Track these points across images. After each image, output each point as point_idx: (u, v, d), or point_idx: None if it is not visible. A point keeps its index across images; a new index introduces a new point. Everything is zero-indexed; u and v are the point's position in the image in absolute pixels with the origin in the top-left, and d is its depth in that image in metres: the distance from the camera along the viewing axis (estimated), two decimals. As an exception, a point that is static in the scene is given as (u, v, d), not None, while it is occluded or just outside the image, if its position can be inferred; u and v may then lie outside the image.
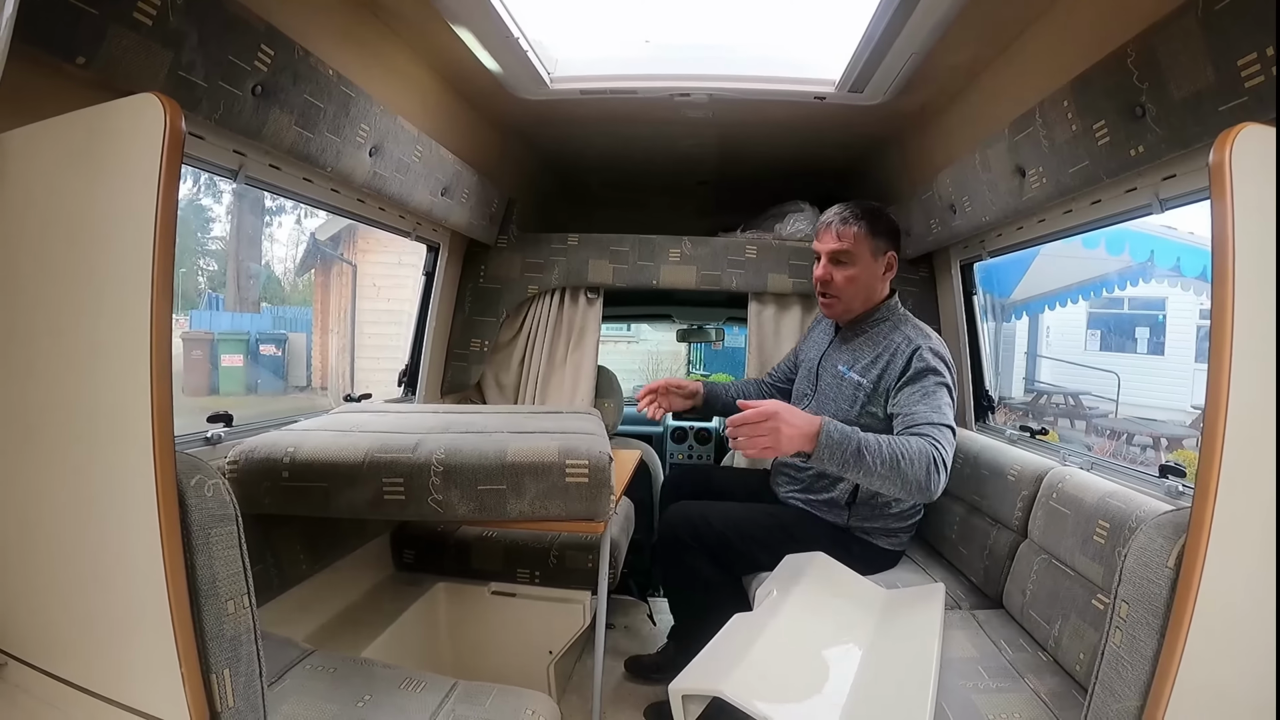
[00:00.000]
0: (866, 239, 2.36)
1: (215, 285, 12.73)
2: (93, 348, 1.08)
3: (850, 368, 2.39)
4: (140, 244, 0.99)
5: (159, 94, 1.01)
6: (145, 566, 1.02)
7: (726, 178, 3.76)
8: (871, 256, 2.38)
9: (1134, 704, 1.08)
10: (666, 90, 2.49)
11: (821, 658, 1.83)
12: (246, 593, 1.17)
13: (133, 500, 1.02)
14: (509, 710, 1.57)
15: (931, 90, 2.35)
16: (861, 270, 2.38)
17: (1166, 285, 9.01)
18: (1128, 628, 1.11)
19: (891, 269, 2.42)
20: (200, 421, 2.05)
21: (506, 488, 1.69)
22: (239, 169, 1.92)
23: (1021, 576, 2.08)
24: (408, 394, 3.18)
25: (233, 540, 1.15)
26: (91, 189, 1.09)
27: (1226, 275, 0.95)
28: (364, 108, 2.03)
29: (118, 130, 1.07)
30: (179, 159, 1.01)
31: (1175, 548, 1.06)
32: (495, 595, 2.53)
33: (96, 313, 1.07)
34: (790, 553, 2.27)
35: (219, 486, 1.13)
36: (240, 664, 1.14)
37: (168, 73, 1.41)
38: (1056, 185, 1.98)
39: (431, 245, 3.11)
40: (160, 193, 0.99)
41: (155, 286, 0.98)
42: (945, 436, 2.08)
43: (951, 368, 2.26)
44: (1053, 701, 1.65)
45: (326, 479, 1.72)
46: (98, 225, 1.08)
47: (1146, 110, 1.55)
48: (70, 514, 1.14)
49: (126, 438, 1.02)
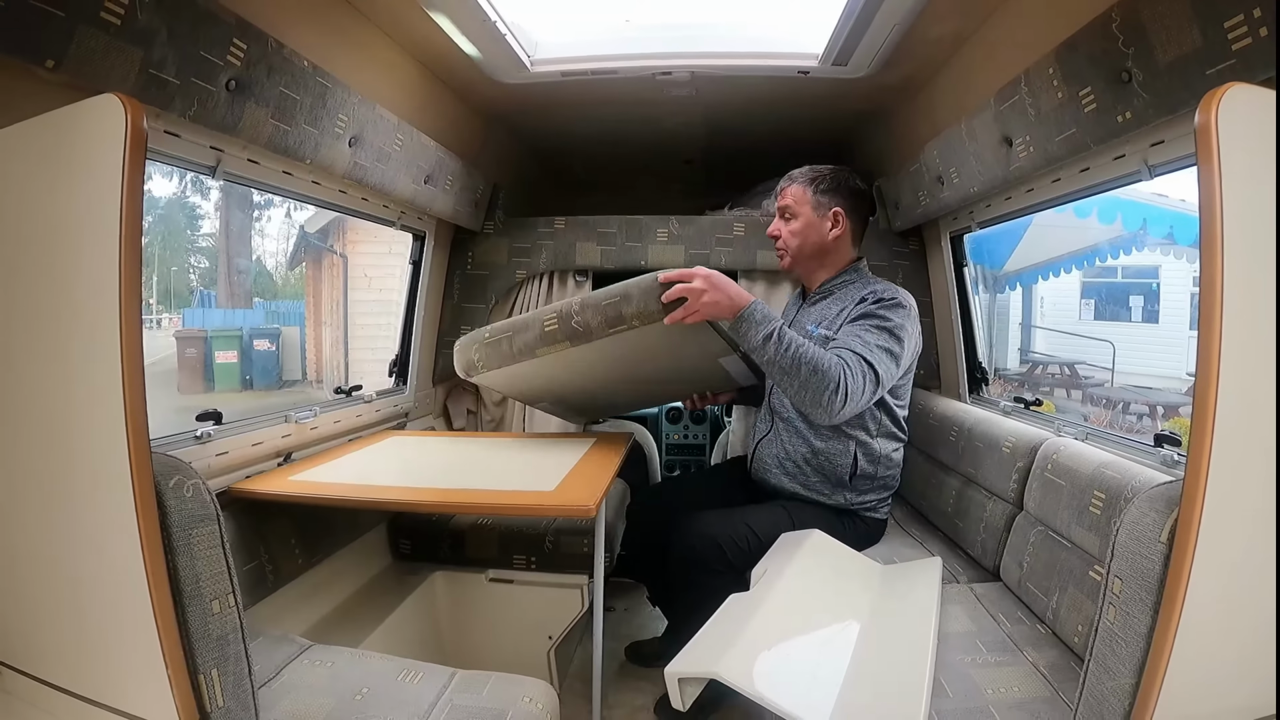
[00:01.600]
0: (807, 195, 2.39)
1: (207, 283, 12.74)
2: (64, 352, 1.07)
3: (817, 325, 2.38)
4: (107, 244, 0.99)
5: (120, 94, 1.01)
6: (127, 570, 1.02)
7: (714, 156, 3.74)
8: (813, 211, 2.40)
9: (1129, 681, 1.07)
10: (648, 69, 2.47)
11: (818, 635, 1.83)
12: (232, 592, 1.16)
13: (111, 503, 1.02)
14: (506, 698, 1.57)
15: (916, 62, 2.33)
16: (804, 225, 2.41)
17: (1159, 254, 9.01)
18: (1121, 604, 1.10)
19: (839, 225, 2.39)
20: (193, 420, 2.04)
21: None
22: (217, 165, 1.90)
23: (1018, 549, 2.07)
24: (399, 384, 3.17)
25: (215, 540, 1.14)
26: (59, 191, 1.08)
27: (1215, 240, 0.94)
28: (341, 98, 2.01)
29: (82, 132, 1.07)
30: (142, 158, 1.00)
31: (1168, 522, 1.04)
32: (493, 582, 2.53)
33: (67, 316, 1.07)
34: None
35: (199, 486, 1.12)
36: (228, 663, 1.14)
37: (139, 71, 1.40)
38: (1044, 154, 1.97)
39: (417, 234, 3.09)
40: (124, 191, 0.98)
41: (123, 285, 0.98)
42: (859, 368, 2.09)
43: (902, 313, 2.24)
44: (1051, 674, 1.65)
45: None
46: (66, 227, 1.07)
47: (1133, 76, 1.53)
48: (51, 520, 1.14)
49: (101, 440, 1.02)
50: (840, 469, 2.35)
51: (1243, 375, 0.95)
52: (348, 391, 2.80)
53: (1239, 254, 0.94)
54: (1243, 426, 0.95)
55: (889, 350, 2.16)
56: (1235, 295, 0.94)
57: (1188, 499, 0.97)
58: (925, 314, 3.23)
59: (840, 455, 2.34)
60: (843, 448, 2.34)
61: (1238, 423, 0.94)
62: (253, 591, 1.90)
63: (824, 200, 2.38)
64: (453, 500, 2.13)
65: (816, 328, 2.35)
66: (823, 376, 2.02)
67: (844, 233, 2.40)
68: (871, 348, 2.13)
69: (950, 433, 2.64)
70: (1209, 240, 0.94)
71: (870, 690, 1.57)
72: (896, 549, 2.44)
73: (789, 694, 1.53)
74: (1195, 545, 0.96)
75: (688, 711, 1.73)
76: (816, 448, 2.35)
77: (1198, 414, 0.95)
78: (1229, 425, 0.94)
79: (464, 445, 2.78)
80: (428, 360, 3.31)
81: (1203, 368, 0.94)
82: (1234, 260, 0.94)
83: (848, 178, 2.41)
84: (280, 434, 2.28)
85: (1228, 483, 0.95)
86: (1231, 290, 0.93)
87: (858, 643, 1.77)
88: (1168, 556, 1.02)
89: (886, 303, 2.24)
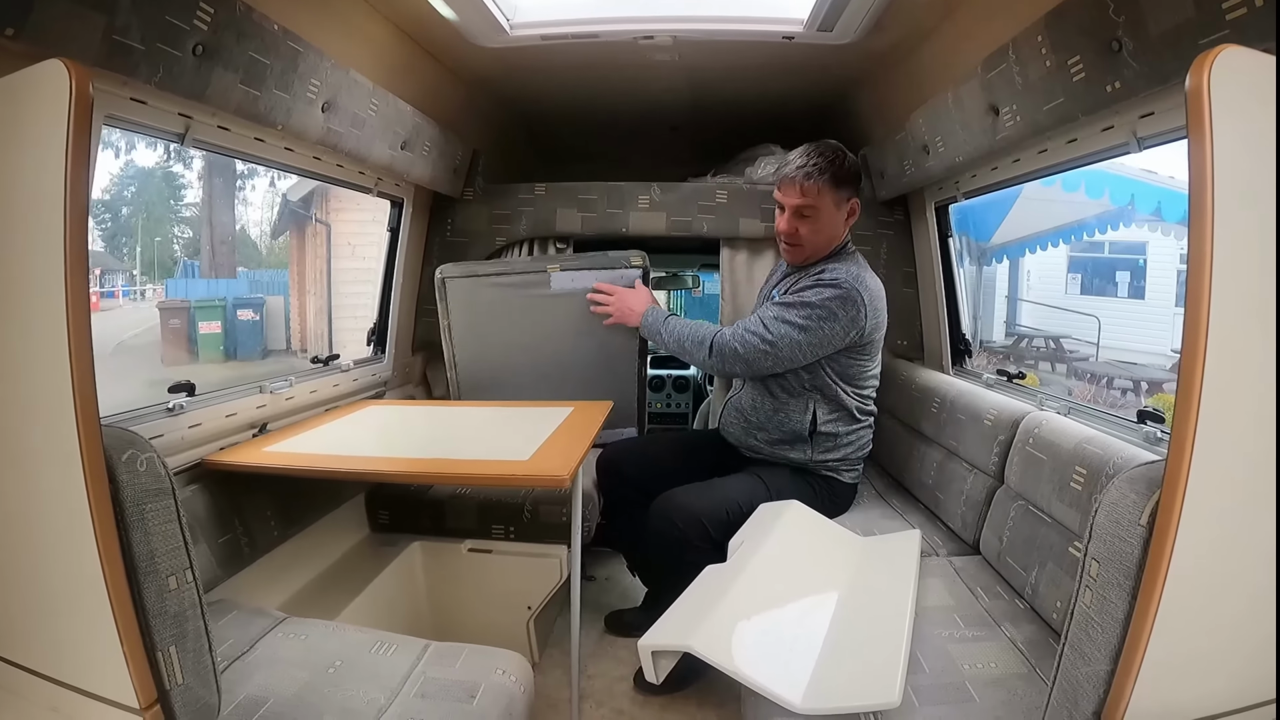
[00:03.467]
0: (830, 191, 2.33)
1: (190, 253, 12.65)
2: (10, 326, 1.04)
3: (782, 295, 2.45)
4: (52, 214, 0.96)
5: (65, 59, 0.97)
6: (79, 546, 1.00)
7: (698, 123, 3.70)
8: (835, 208, 2.37)
9: (1104, 668, 1.06)
10: (629, 33, 2.44)
11: (795, 608, 1.83)
12: (189, 566, 1.14)
13: (61, 479, 1.00)
14: (480, 670, 1.57)
15: (903, 28, 2.29)
16: (826, 222, 2.37)
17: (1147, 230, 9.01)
18: (1098, 588, 1.08)
19: (854, 215, 2.42)
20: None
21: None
22: (185, 132, 1.86)
23: (998, 523, 2.07)
24: (377, 352, 3.14)
25: (170, 514, 1.12)
26: (3, 161, 1.05)
27: (1205, 212, 0.90)
28: (314, 62, 1.96)
29: (26, 100, 1.03)
30: (88, 124, 0.97)
31: (1149, 504, 1.01)
32: (471, 553, 2.52)
33: (13, 289, 1.04)
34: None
35: (153, 460, 1.10)
36: (187, 640, 1.13)
37: (102, 38, 1.35)
38: (1031, 123, 1.94)
39: (395, 200, 3.05)
40: (69, 159, 0.95)
41: (69, 256, 0.95)
42: (742, 336, 2.37)
43: (831, 294, 2.30)
44: (1029, 650, 1.64)
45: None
46: (10, 198, 1.04)
47: (1123, 45, 1.50)
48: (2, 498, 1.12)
49: (50, 416, 1.00)
50: (799, 424, 2.42)
51: (1231, 354, 0.92)
52: (325, 360, 2.76)
53: (1230, 227, 0.91)
54: (1229, 407, 0.93)
55: (787, 320, 2.31)
56: (1225, 270, 0.90)
57: (1170, 481, 0.94)
58: (909, 285, 3.23)
59: (798, 411, 2.42)
60: (801, 405, 2.43)
61: (1223, 403, 0.92)
62: (228, 564, 1.89)
63: (844, 194, 2.37)
64: (425, 471, 2.13)
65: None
66: (698, 344, 2.46)
67: (854, 217, 2.44)
68: (768, 317, 2.34)
69: (932, 404, 2.63)
70: (1198, 211, 0.91)
71: (847, 664, 1.57)
72: (876, 520, 2.44)
73: (764, 668, 1.53)
74: (1177, 529, 0.94)
75: (665, 684, 1.74)
76: (777, 402, 2.46)
77: (1182, 393, 0.92)
78: (1215, 406, 0.91)
79: (442, 414, 2.76)
80: (407, 328, 3.28)
81: (1189, 345, 0.92)
82: (1224, 233, 0.90)
83: (855, 161, 2.41)
84: (255, 404, 2.25)
85: (1212, 464, 0.93)
86: (1221, 264, 0.90)
87: (835, 616, 1.77)
88: (1147, 540, 1.00)
89: (823, 284, 2.32)
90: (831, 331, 2.28)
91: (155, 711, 1.07)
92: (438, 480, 2.48)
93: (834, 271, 2.33)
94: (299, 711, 1.40)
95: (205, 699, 1.18)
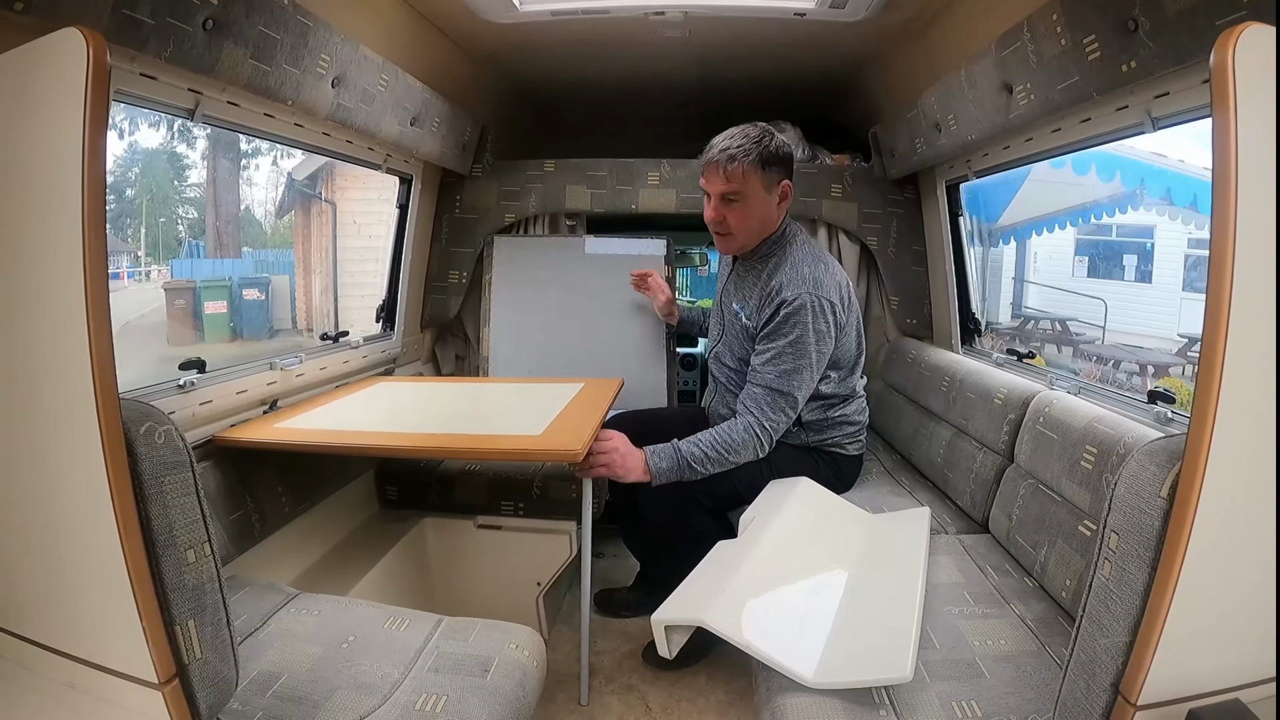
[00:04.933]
0: (757, 174, 2.21)
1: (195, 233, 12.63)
2: (28, 298, 1.04)
3: (742, 308, 2.37)
4: (69, 184, 0.95)
5: (82, 28, 0.96)
6: (98, 520, 1.00)
7: (708, 100, 3.68)
8: (764, 191, 2.24)
9: (1123, 639, 1.05)
10: (640, 9, 2.42)
11: (806, 584, 1.83)
12: (207, 540, 1.14)
13: (79, 452, 1.00)
14: (493, 644, 1.58)
15: (916, 5, 2.28)
16: (754, 207, 2.26)
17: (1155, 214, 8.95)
18: (1117, 559, 1.08)
19: (786, 198, 2.30)
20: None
21: None
22: (195, 108, 1.86)
23: (1008, 501, 2.07)
24: (386, 329, 3.15)
25: (188, 487, 1.12)
26: (18, 131, 1.04)
27: (1229, 187, 0.90)
28: (323, 37, 1.94)
29: (42, 69, 1.02)
30: (105, 94, 0.96)
31: (1169, 476, 1.01)
32: (481, 529, 2.54)
33: (30, 261, 1.03)
34: (770, 479, 2.29)
35: (171, 433, 1.10)
36: (205, 614, 1.13)
37: (112, 12, 1.34)
38: (1045, 102, 1.93)
39: (404, 177, 3.04)
40: (86, 129, 0.95)
41: (87, 227, 0.95)
42: (773, 404, 2.22)
43: (799, 319, 2.21)
44: (1038, 628, 1.65)
45: None
46: (28, 169, 1.03)
47: (1139, 24, 1.49)
48: (19, 472, 1.12)
49: (68, 388, 0.99)
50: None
51: (1253, 329, 0.92)
52: (334, 337, 2.77)
53: (1253, 203, 0.90)
54: (1250, 380, 0.93)
55: (793, 371, 2.22)
56: (1248, 244, 0.90)
57: (1191, 453, 0.94)
58: (918, 263, 3.22)
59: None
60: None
61: (1244, 377, 0.92)
62: (239, 541, 1.89)
63: (773, 176, 2.25)
64: (438, 445, 2.13)
65: (741, 311, 2.38)
66: (743, 450, 2.21)
67: (788, 201, 2.32)
68: (785, 373, 2.22)
69: (942, 382, 2.63)
70: (1222, 188, 0.90)
71: (858, 640, 1.57)
72: (885, 498, 2.45)
73: (777, 643, 1.54)
74: (1197, 501, 0.94)
75: (675, 658, 1.74)
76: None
77: (1204, 366, 0.92)
78: (1236, 379, 0.91)
79: (452, 390, 2.78)
80: (416, 305, 3.28)
81: (1211, 318, 0.91)
82: (1248, 210, 0.90)
83: (784, 142, 2.28)
84: (265, 381, 2.26)
85: (1232, 437, 0.93)
86: (1245, 239, 0.90)
87: (845, 592, 1.78)
88: (1168, 512, 0.99)
89: (786, 313, 2.21)
90: (825, 347, 2.24)
91: (174, 686, 1.07)
92: (451, 455, 2.47)
93: (785, 289, 2.22)
94: (313, 686, 1.41)
95: (224, 673, 1.18)
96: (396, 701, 1.38)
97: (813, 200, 3.26)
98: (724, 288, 2.52)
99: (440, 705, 1.37)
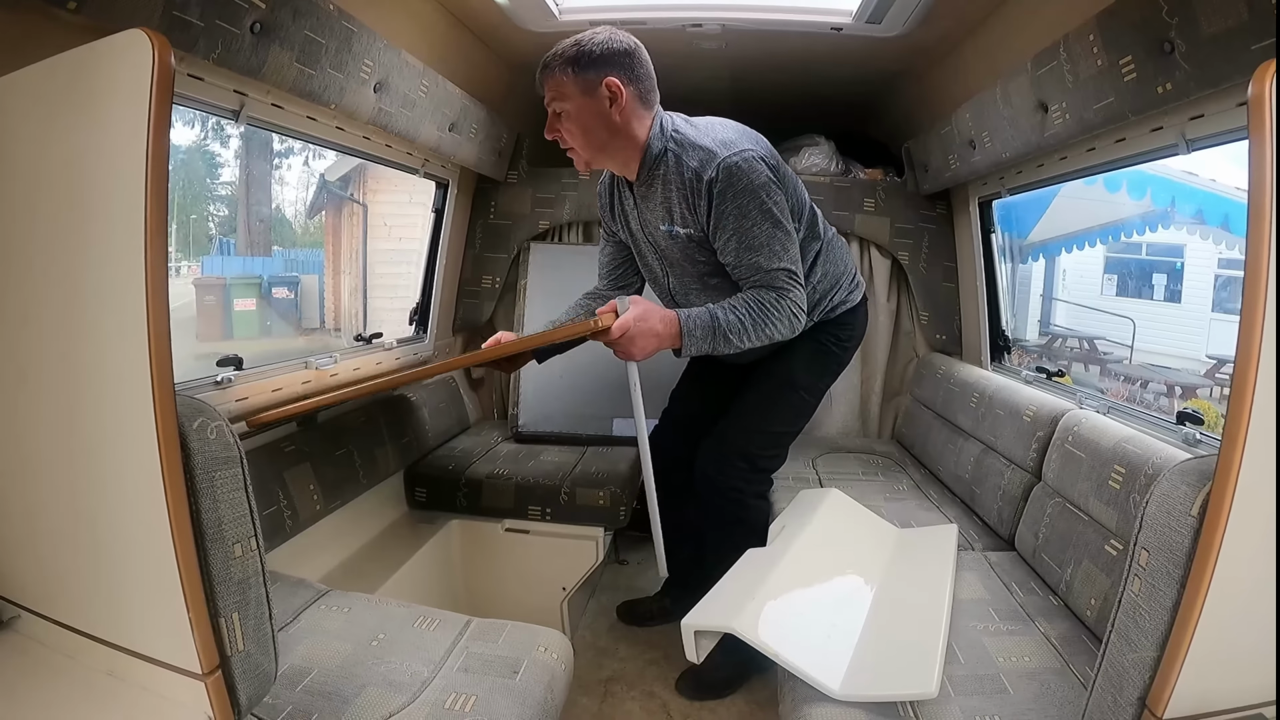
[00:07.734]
0: (574, 80, 1.96)
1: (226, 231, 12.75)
2: (88, 293, 1.06)
3: (672, 223, 2.11)
4: (133, 185, 0.96)
5: (146, 29, 0.97)
6: (149, 512, 1.02)
7: (741, 113, 3.64)
8: (583, 94, 1.98)
9: (1151, 655, 1.06)
10: (678, 21, 2.44)
11: (834, 595, 1.85)
12: (254, 535, 1.16)
13: (133, 445, 1.01)
14: (522, 646, 1.59)
15: (951, 21, 2.28)
16: (578, 112, 2.00)
17: (1185, 233, 8.86)
18: (1147, 576, 1.09)
19: (618, 96, 1.97)
20: (213, 366, 2.04)
21: None
22: (240, 109, 1.88)
23: (1034, 519, 2.07)
24: (419, 332, 3.18)
25: (238, 483, 1.14)
26: (80, 132, 1.06)
27: (1263, 216, 0.91)
28: (367, 43, 1.98)
29: (105, 70, 1.04)
30: (169, 96, 0.97)
31: (1200, 495, 1.02)
32: (508, 533, 2.57)
33: (92, 257, 1.05)
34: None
35: (222, 429, 1.12)
36: (249, 607, 1.15)
37: (162, 13, 1.37)
38: (1080, 122, 1.93)
39: (440, 182, 3.08)
40: (151, 131, 0.96)
41: (149, 227, 0.96)
42: (778, 283, 2.01)
43: (751, 158, 1.98)
44: (1062, 646, 1.65)
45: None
46: (89, 169, 1.05)
47: (1175, 46, 1.49)
48: (72, 463, 1.14)
49: (125, 383, 1.01)
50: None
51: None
52: (368, 339, 2.80)
53: None
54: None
55: (769, 239, 2.00)
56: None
57: (1221, 473, 0.95)
58: (949, 279, 3.21)
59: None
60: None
61: (1276, 398, 0.92)
62: (271, 536, 1.91)
63: (590, 77, 1.97)
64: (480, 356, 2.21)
65: (674, 226, 2.11)
66: (775, 319, 2.00)
67: (627, 102, 2.01)
68: (770, 245, 2.01)
69: (971, 399, 2.63)
70: (1257, 214, 0.91)
71: (884, 654, 1.58)
72: (913, 512, 2.45)
73: (804, 653, 1.54)
74: (1227, 520, 0.95)
75: (715, 686, 1.74)
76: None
77: (1236, 387, 0.93)
78: (1267, 400, 0.92)
79: None
80: (449, 309, 3.32)
81: (1244, 339, 0.92)
82: None
83: (607, 39, 2.00)
84: (300, 380, 2.28)
85: (1263, 458, 0.94)
86: (1279, 264, 0.91)
87: (873, 605, 1.78)
88: (1198, 530, 1.00)
89: (724, 190, 1.97)
90: (778, 197, 2.03)
91: (216, 677, 1.09)
92: (496, 355, 2.24)
93: (704, 169, 1.99)
94: (343, 682, 1.43)
95: (264, 666, 1.20)
96: (426, 700, 1.40)
97: (845, 214, 3.26)
98: (636, 224, 2.26)
99: (470, 705, 1.38)
